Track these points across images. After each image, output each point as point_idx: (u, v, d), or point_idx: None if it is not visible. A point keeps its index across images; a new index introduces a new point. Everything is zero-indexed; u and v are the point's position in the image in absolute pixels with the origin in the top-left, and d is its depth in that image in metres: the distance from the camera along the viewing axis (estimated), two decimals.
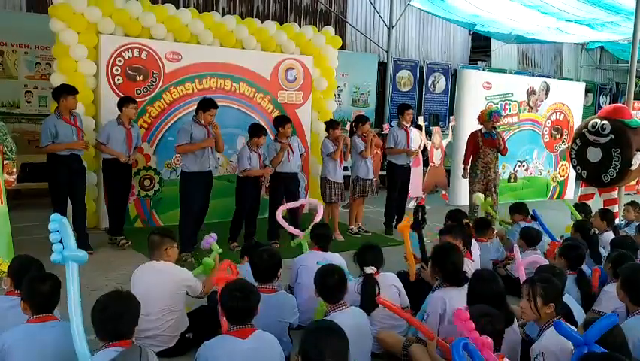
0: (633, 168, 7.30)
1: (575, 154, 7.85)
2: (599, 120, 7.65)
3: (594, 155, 7.64)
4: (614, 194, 7.98)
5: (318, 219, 5.46)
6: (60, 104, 6.11)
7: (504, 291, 3.51)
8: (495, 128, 8.04)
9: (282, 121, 7.13)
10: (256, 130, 6.75)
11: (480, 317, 2.93)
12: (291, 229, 5.61)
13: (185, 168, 6.44)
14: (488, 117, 7.97)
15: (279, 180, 7.00)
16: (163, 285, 3.86)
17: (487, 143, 7.95)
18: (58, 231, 2.87)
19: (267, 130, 7.61)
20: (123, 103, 6.51)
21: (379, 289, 3.84)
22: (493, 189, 7.98)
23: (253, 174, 6.67)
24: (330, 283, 3.47)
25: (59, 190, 6.19)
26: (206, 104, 6.33)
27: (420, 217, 5.47)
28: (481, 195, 7.47)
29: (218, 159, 8.01)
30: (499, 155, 8.07)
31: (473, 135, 8.12)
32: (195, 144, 6.23)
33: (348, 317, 3.36)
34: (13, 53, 9.06)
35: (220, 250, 4.36)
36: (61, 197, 6.19)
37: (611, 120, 7.50)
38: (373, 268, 3.92)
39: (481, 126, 8.06)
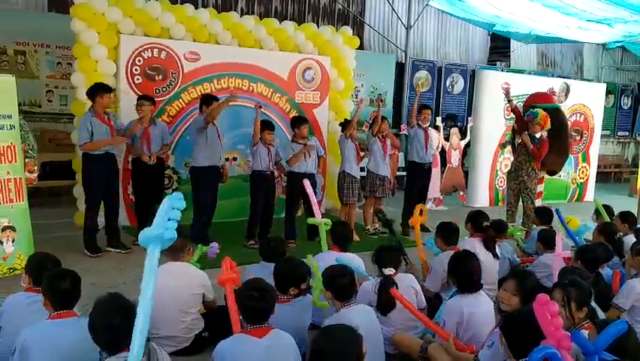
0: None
1: (513, 148, 8.04)
2: (530, 109, 7.94)
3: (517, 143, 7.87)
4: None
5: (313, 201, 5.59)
6: (96, 102, 6.13)
7: (538, 287, 3.45)
8: (529, 129, 7.67)
9: (299, 121, 7.16)
10: (262, 126, 6.81)
11: (524, 317, 2.81)
12: (315, 206, 5.57)
13: (197, 163, 6.50)
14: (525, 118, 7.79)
15: (295, 180, 7.01)
16: (180, 286, 3.88)
17: (521, 143, 7.77)
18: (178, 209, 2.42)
19: (283, 129, 7.67)
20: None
21: (397, 289, 3.83)
22: (525, 192, 7.73)
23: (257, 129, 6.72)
24: (342, 283, 3.50)
25: (94, 190, 6.24)
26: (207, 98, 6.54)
27: (382, 218, 5.58)
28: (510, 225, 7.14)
29: (235, 158, 8.07)
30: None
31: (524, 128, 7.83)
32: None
33: (358, 315, 3.38)
34: (35, 53, 9.19)
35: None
36: (96, 196, 6.26)
37: (530, 107, 7.92)
38: (392, 269, 3.90)
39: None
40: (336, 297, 3.54)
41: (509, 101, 8.09)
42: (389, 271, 3.88)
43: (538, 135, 7.69)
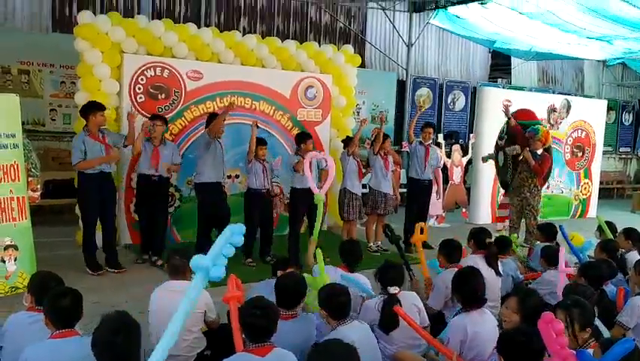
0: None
1: (496, 163, 8.02)
2: (504, 124, 8.10)
3: (500, 159, 7.97)
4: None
5: (331, 177, 5.65)
6: (89, 121, 6.15)
7: (541, 305, 3.42)
8: (529, 146, 7.74)
9: (303, 137, 7.20)
10: (256, 142, 6.87)
11: (519, 336, 2.80)
12: (312, 185, 5.63)
13: (202, 179, 6.60)
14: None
15: (298, 196, 7.02)
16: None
17: (522, 160, 7.78)
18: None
19: (286, 146, 7.70)
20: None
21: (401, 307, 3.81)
22: (527, 208, 7.75)
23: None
24: (340, 302, 3.48)
25: (90, 209, 6.25)
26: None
27: (390, 234, 5.59)
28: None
29: (237, 176, 8.09)
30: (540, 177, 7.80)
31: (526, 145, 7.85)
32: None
33: (354, 330, 3.37)
34: (39, 73, 9.26)
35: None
36: (92, 216, 6.27)
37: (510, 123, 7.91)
38: (397, 288, 3.89)
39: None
40: (331, 316, 3.52)
41: (509, 118, 8.13)
42: (394, 289, 3.87)
43: (539, 152, 7.71)
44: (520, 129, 8.02)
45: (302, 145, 7.10)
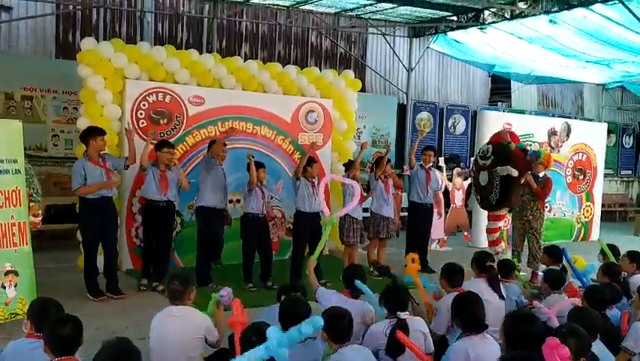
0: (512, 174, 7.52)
1: (473, 182, 8.00)
2: (486, 145, 8.00)
3: (483, 179, 7.82)
4: (499, 223, 8.19)
5: (355, 201, 5.56)
6: (89, 146, 6.17)
7: (543, 332, 3.38)
8: (531, 169, 7.75)
9: (308, 161, 7.22)
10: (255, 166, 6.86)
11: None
12: (324, 207, 5.57)
13: (203, 203, 6.63)
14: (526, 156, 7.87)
15: (303, 219, 7.01)
16: (182, 330, 3.83)
17: (524, 183, 7.76)
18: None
19: (287, 170, 7.72)
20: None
21: (408, 333, 3.78)
22: (530, 231, 7.75)
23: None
24: (341, 325, 3.46)
25: (91, 235, 6.25)
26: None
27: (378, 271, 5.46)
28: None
29: (239, 200, 8.09)
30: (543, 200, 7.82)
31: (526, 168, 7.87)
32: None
33: (355, 352, 3.39)
34: (41, 98, 9.34)
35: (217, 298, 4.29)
36: (93, 241, 6.26)
37: (494, 144, 7.81)
38: (407, 312, 3.86)
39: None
40: (333, 339, 3.50)
41: (509, 143, 8.09)
42: (404, 314, 3.84)
43: (541, 175, 7.73)
44: (521, 154, 8.02)
45: (308, 168, 7.15)
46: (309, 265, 4.89)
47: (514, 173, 7.58)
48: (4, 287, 5.37)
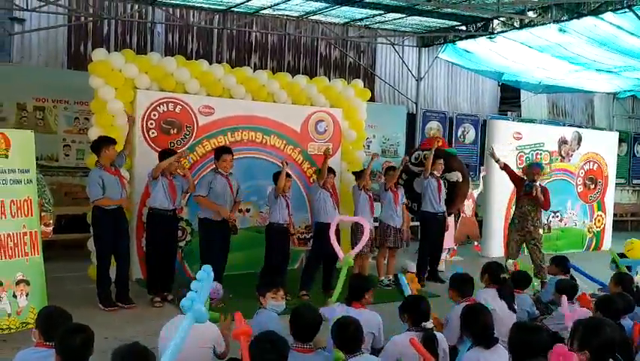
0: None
1: (405, 189, 8.18)
2: (420, 152, 8.59)
3: (419, 185, 8.23)
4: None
5: (365, 239, 5.54)
6: (102, 155, 6.24)
7: (549, 343, 3.35)
8: (534, 180, 7.83)
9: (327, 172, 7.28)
10: (275, 176, 6.91)
11: None
12: (337, 249, 5.46)
13: (205, 214, 6.64)
14: (528, 168, 7.98)
15: (323, 229, 7.00)
16: (191, 340, 3.81)
17: (525, 194, 7.81)
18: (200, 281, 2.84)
19: (296, 180, 7.74)
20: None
21: (438, 344, 3.75)
22: (532, 242, 7.74)
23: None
24: (351, 334, 3.45)
25: (105, 245, 6.28)
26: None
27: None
28: (510, 262, 7.08)
29: (248, 210, 8.10)
30: (540, 209, 7.86)
31: (521, 180, 8.03)
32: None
33: None
34: (53, 109, 9.43)
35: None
36: (107, 251, 6.29)
37: (431, 149, 8.20)
38: (431, 322, 3.83)
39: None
40: (341, 348, 3.48)
41: (497, 161, 8.49)
42: (430, 324, 3.82)
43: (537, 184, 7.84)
44: (510, 170, 8.35)
45: (327, 179, 7.25)
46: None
47: (461, 178, 8.28)
48: (16, 296, 5.40)
